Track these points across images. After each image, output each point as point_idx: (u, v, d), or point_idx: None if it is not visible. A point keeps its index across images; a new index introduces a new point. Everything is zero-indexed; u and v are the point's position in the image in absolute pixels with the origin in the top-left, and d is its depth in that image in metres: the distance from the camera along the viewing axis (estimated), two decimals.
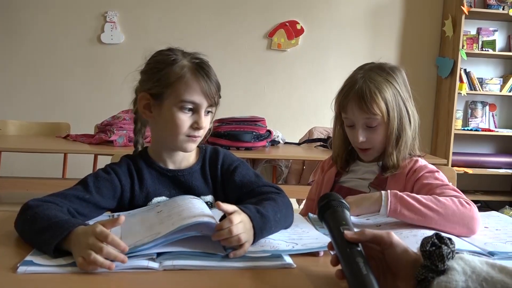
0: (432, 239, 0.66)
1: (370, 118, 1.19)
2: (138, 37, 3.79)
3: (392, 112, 1.19)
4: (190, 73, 1.05)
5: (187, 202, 0.98)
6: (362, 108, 1.18)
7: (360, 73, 1.23)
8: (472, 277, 0.61)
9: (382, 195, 1.04)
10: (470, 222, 1.00)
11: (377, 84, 1.19)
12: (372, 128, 1.21)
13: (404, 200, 1.02)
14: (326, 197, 0.82)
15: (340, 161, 1.32)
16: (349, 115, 1.21)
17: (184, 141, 1.07)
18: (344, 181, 1.31)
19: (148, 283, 0.73)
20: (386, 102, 1.18)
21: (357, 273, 0.65)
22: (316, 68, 4.00)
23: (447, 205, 1.01)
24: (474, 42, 3.97)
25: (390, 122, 1.20)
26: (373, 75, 1.20)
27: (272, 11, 3.93)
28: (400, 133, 1.22)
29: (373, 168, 1.28)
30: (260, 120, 2.75)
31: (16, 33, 3.73)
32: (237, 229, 0.81)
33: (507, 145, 4.20)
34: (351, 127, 1.24)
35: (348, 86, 1.22)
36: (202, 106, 1.06)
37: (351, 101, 1.19)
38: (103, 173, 1.08)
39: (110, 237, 0.76)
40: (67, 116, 3.51)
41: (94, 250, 0.75)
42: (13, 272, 0.74)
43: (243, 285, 0.74)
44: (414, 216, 1.00)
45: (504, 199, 3.99)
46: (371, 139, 1.21)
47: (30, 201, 0.93)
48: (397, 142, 1.22)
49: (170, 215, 0.91)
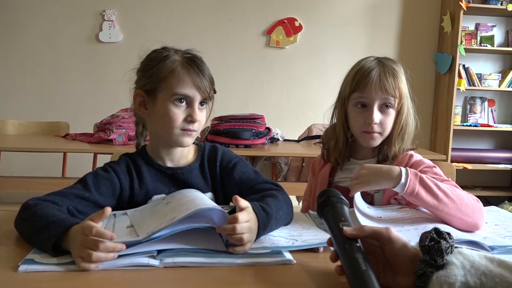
0: (431, 234, 0.66)
1: (389, 98, 1.18)
2: (136, 36, 3.79)
3: (405, 100, 1.20)
4: (181, 67, 1.06)
5: (195, 193, 0.99)
6: (384, 88, 1.16)
7: (370, 59, 1.22)
8: (471, 271, 0.61)
9: (402, 172, 1.00)
10: (478, 217, 1.00)
11: (395, 68, 1.20)
12: (385, 111, 1.19)
13: (424, 181, 0.99)
14: (325, 193, 0.82)
15: (340, 152, 1.27)
16: (366, 94, 1.18)
17: (179, 135, 1.07)
18: (340, 181, 1.28)
19: (148, 280, 0.73)
20: (404, 86, 1.20)
21: (356, 268, 0.65)
22: (315, 65, 4.00)
23: (462, 196, 1.00)
24: (472, 38, 3.97)
25: (402, 109, 1.20)
26: (387, 62, 1.21)
27: (271, 8, 3.92)
28: (406, 125, 1.22)
29: None
30: (259, 118, 2.75)
31: (14, 32, 3.72)
32: (241, 228, 0.81)
33: (506, 140, 4.21)
34: (363, 108, 1.20)
35: (364, 68, 1.20)
36: (195, 99, 1.06)
37: (372, 80, 1.17)
38: (102, 172, 1.08)
39: (94, 230, 0.76)
40: (66, 115, 3.52)
41: (91, 248, 0.75)
42: (14, 271, 0.74)
43: (244, 282, 0.74)
44: (430, 199, 0.98)
45: (503, 194, 3.99)
46: (383, 123, 1.19)
47: (30, 200, 0.93)
48: (401, 132, 1.22)
49: (182, 203, 0.91)
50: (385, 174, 1.03)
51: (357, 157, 1.29)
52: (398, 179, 1.00)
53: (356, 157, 1.29)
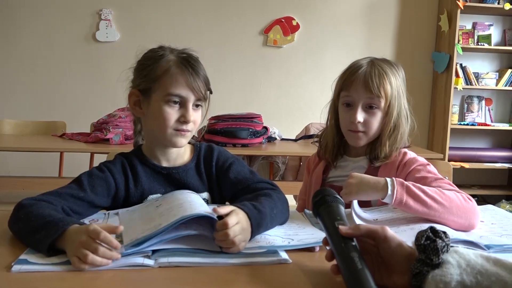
0: (426, 233, 0.66)
1: (373, 99, 1.18)
2: (133, 35, 3.78)
3: (393, 101, 1.19)
4: (175, 67, 1.05)
5: (186, 196, 0.98)
6: (367, 87, 1.16)
7: (365, 60, 1.22)
8: (467, 270, 0.61)
9: (388, 184, 1.00)
10: (472, 217, 0.99)
11: (384, 69, 1.19)
12: (371, 111, 1.19)
13: (411, 191, 0.99)
14: (321, 193, 0.82)
15: (331, 149, 1.28)
16: (351, 92, 1.19)
17: (172, 135, 1.07)
18: (334, 179, 1.28)
19: (143, 280, 0.73)
20: (391, 87, 1.19)
21: (351, 267, 0.65)
22: (312, 64, 4.00)
23: (452, 198, 0.99)
24: (469, 37, 3.97)
25: (390, 110, 1.19)
26: (379, 63, 1.21)
27: (268, 7, 3.92)
28: (397, 126, 1.21)
29: (362, 162, 1.25)
30: (256, 117, 2.74)
31: (11, 32, 3.71)
32: (233, 232, 0.81)
33: (503, 139, 4.21)
34: (349, 107, 1.21)
35: (354, 67, 1.20)
36: (189, 100, 1.06)
37: (357, 79, 1.18)
38: (97, 171, 1.07)
39: (103, 234, 0.76)
40: (63, 115, 3.51)
41: (89, 250, 0.75)
42: (8, 271, 0.73)
43: (239, 281, 0.74)
44: (419, 207, 0.97)
45: (500, 193, 4.00)
46: (367, 122, 1.19)
47: (24, 200, 0.92)
48: (392, 133, 1.21)
49: (171, 207, 0.91)
50: (373, 186, 1.02)
51: (350, 155, 1.29)
52: (385, 191, 1.00)
53: (349, 154, 1.29)
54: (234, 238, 0.81)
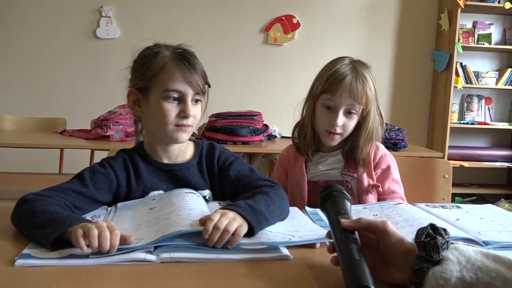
0: (427, 230, 0.66)
1: (354, 105, 1.26)
2: (134, 32, 3.78)
3: (370, 104, 1.28)
4: (171, 62, 1.05)
5: (180, 200, 0.98)
6: (352, 96, 1.25)
7: (345, 65, 1.28)
8: (467, 267, 0.62)
9: None
10: None
11: (365, 75, 1.27)
12: (349, 115, 1.28)
13: None
14: (328, 188, 0.84)
15: (311, 145, 1.35)
16: (335, 98, 1.26)
17: (173, 131, 1.07)
18: (315, 175, 1.35)
19: (145, 275, 0.73)
20: (370, 91, 1.27)
21: (349, 258, 0.66)
22: (313, 62, 3.99)
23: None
24: (470, 36, 3.97)
25: (368, 116, 1.28)
26: (360, 69, 1.28)
27: (268, 5, 3.92)
28: (372, 130, 1.30)
29: (339, 156, 1.35)
30: (256, 115, 2.75)
31: (11, 28, 3.70)
32: (221, 223, 0.81)
33: (502, 138, 4.22)
34: (329, 110, 1.29)
35: (339, 74, 1.26)
36: (187, 94, 1.06)
37: (343, 87, 1.25)
38: (99, 167, 1.08)
39: (118, 231, 0.78)
40: (63, 111, 3.50)
41: (96, 229, 0.76)
42: (11, 265, 0.74)
43: (241, 277, 0.74)
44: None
45: (499, 192, 4.01)
46: (345, 126, 1.29)
47: (27, 195, 0.92)
48: (370, 137, 1.30)
49: (158, 217, 0.91)
50: None
51: (325, 150, 1.37)
52: None
53: (323, 150, 1.38)
54: (227, 226, 0.81)
